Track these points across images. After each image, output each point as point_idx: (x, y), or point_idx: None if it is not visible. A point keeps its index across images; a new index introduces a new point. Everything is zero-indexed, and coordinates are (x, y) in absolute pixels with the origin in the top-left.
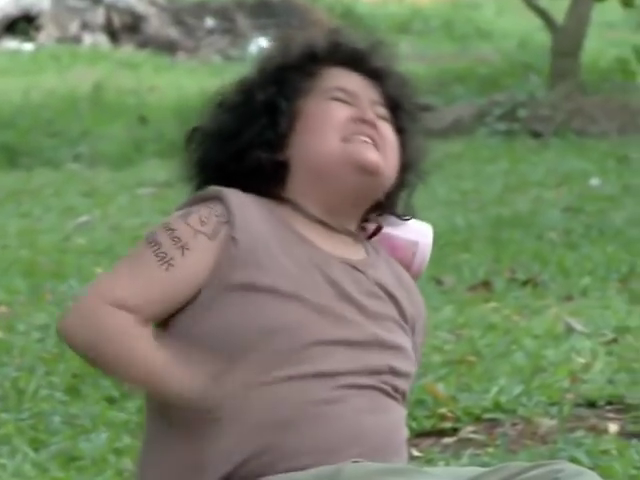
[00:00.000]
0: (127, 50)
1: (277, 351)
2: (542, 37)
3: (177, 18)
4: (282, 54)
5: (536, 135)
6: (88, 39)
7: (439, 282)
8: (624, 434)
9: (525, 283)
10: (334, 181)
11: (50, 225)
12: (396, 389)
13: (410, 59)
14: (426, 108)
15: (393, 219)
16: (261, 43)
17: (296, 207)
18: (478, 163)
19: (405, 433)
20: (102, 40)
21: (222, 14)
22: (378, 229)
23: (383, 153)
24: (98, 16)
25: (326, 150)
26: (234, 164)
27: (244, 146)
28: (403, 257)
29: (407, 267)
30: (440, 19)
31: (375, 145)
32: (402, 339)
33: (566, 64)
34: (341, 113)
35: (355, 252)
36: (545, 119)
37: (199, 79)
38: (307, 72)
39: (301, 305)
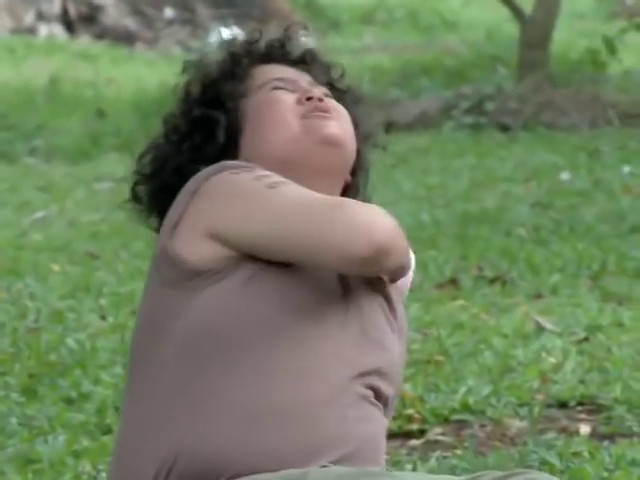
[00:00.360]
0: (84, 41)
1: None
2: (510, 28)
3: (135, 8)
4: (202, 73)
5: (504, 129)
6: (44, 30)
7: None
8: (596, 435)
9: (493, 281)
10: (302, 161)
11: (5, 221)
12: (379, 393)
13: (374, 50)
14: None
15: None
16: (222, 33)
17: None
18: (444, 158)
19: (384, 444)
20: (58, 31)
21: (182, 4)
22: None
23: (339, 121)
24: (54, 6)
25: (288, 133)
26: (177, 181)
27: (181, 165)
28: None
29: None
30: (405, 9)
31: (330, 115)
32: (391, 338)
33: (535, 55)
34: (288, 98)
35: None
36: (513, 112)
37: (158, 71)
38: (235, 76)
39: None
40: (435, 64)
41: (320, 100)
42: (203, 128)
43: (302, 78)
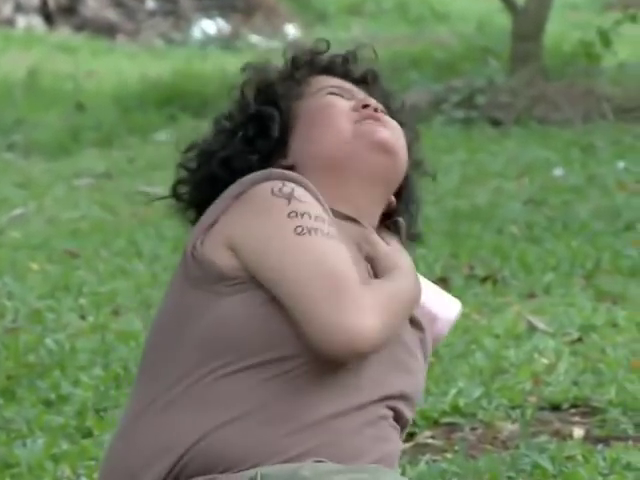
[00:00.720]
0: (63, 33)
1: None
2: (502, 19)
3: None
4: (259, 77)
5: (496, 123)
6: (22, 22)
7: None
8: (590, 439)
9: (484, 280)
10: (350, 164)
11: None
12: (400, 415)
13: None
14: (415, 112)
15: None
16: (205, 26)
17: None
18: (434, 153)
19: (397, 465)
20: (37, 23)
21: None
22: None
23: (391, 130)
24: None
25: (339, 135)
26: (225, 173)
27: (230, 157)
28: None
29: None
30: (394, 0)
31: (384, 125)
32: (419, 363)
33: (527, 48)
34: (343, 103)
35: None
36: (505, 106)
37: (140, 64)
38: (294, 79)
39: None
40: (425, 56)
41: (375, 110)
42: (257, 123)
43: (358, 91)
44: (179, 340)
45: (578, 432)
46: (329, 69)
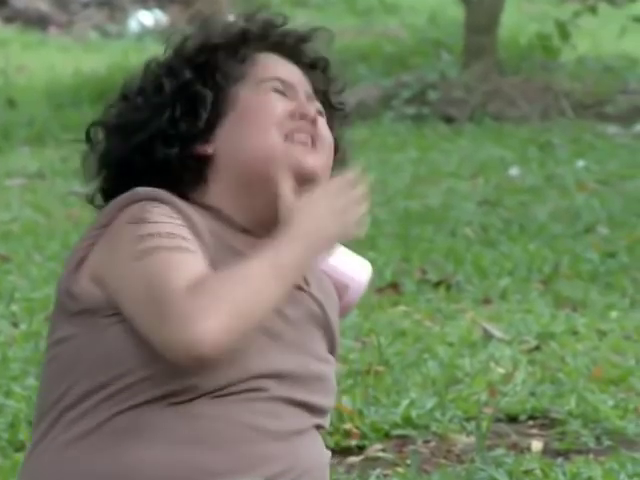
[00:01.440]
0: None
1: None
2: (455, 11)
3: None
4: (205, 34)
5: (448, 120)
6: None
7: None
8: (549, 452)
9: (437, 285)
10: (267, 186)
11: None
12: (319, 426)
13: None
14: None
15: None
16: (142, 18)
17: (220, 215)
18: (384, 151)
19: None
20: None
21: None
22: None
23: (322, 153)
24: None
25: (267, 145)
26: (141, 160)
27: (152, 138)
28: None
29: None
30: None
31: (314, 145)
32: (329, 368)
33: (481, 41)
34: (281, 107)
35: None
36: (458, 102)
37: (73, 57)
38: (238, 56)
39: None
40: (374, 50)
41: (313, 121)
42: (186, 100)
43: (302, 86)
44: (68, 375)
45: (536, 445)
46: (280, 47)
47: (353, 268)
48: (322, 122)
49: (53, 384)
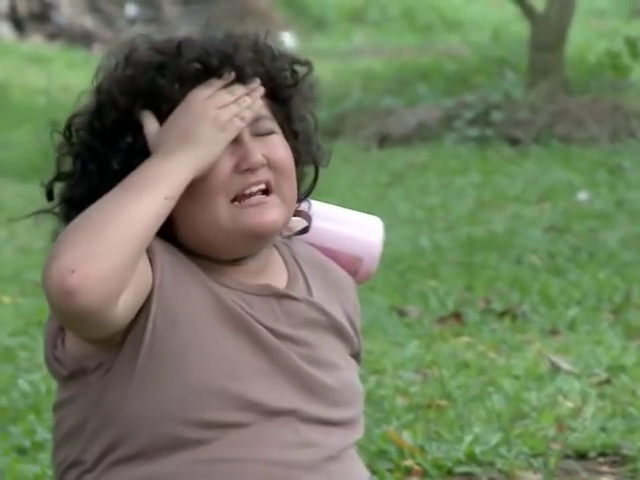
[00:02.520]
0: (35, 42)
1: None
2: (519, 27)
3: (93, 5)
4: (126, 83)
5: (513, 142)
6: None
7: (402, 313)
8: None
9: (502, 315)
10: (225, 247)
11: None
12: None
13: (365, 53)
14: (308, 64)
15: (331, 219)
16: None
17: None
18: (445, 175)
19: None
20: (5, 31)
21: (146, 0)
22: (304, 229)
23: (279, 193)
24: (1, 3)
25: (215, 219)
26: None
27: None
28: (345, 270)
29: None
30: (400, 6)
31: (269, 189)
32: (347, 374)
33: (548, 59)
34: (224, 167)
35: (277, 271)
36: (524, 123)
37: None
38: (159, 111)
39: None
40: (434, 69)
41: (262, 165)
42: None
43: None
44: (76, 439)
45: None
46: (202, 77)
47: (363, 237)
48: (272, 145)
49: (63, 448)
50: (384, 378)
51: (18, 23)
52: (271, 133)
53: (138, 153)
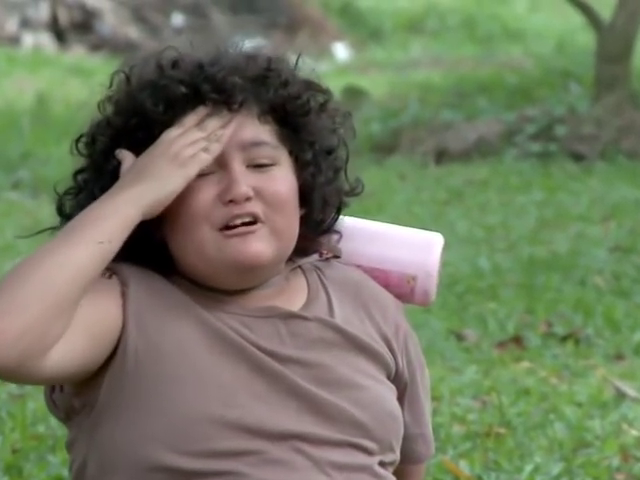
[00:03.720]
0: (77, 53)
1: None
2: (584, 38)
3: (138, 14)
4: (116, 114)
5: (578, 158)
6: (29, 40)
7: (460, 337)
8: None
9: (565, 339)
10: (217, 279)
11: None
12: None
13: (423, 64)
14: (326, 92)
15: (381, 237)
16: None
17: (193, 282)
18: (506, 192)
19: None
20: (46, 41)
21: (193, 9)
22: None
23: (270, 226)
24: (41, 12)
25: (200, 247)
26: None
27: None
28: (400, 292)
29: (408, 301)
30: (459, 16)
31: (257, 220)
32: (373, 393)
33: (614, 71)
34: (204, 197)
35: (294, 295)
36: (589, 138)
37: None
38: (152, 134)
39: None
40: (495, 81)
41: (247, 199)
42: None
43: (232, 141)
44: None
45: None
46: (191, 101)
47: (414, 253)
48: (269, 179)
49: None
50: (440, 405)
51: (59, 33)
52: (270, 165)
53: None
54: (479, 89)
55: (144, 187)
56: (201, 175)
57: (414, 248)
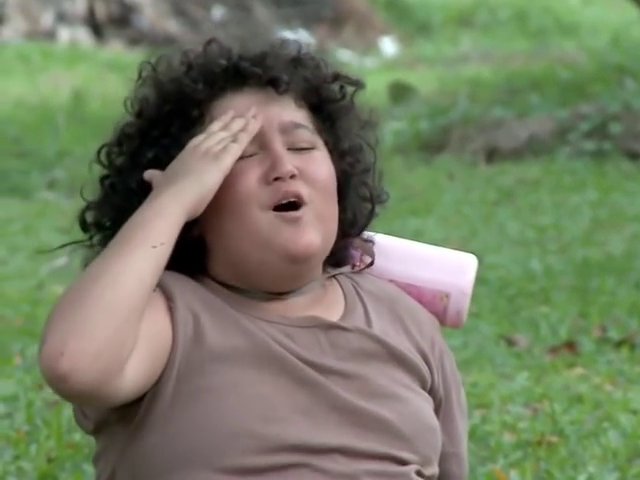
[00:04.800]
0: (114, 48)
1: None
2: None
3: (177, 8)
4: (157, 91)
5: (633, 156)
6: (65, 34)
7: (511, 342)
8: None
9: (620, 344)
10: (264, 269)
11: (18, 270)
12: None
13: (473, 60)
14: (357, 83)
15: (416, 255)
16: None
17: (231, 288)
18: (559, 192)
19: None
20: (83, 36)
21: (234, 2)
22: (369, 264)
23: (314, 208)
24: (78, 5)
25: (251, 228)
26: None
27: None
28: (432, 310)
29: (440, 320)
30: (511, 9)
31: (301, 200)
32: (410, 407)
33: None
34: (249, 178)
35: (332, 305)
36: None
37: None
38: (189, 119)
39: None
40: (547, 77)
41: (292, 176)
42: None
43: (272, 122)
44: None
45: None
46: (231, 78)
47: (449, 271)
48: (311, 160)
49: None
50: (490, 413)
51: (96, 28)
52: (310, 149)
53: (161, 168)
54: (531, 85)
55: (183, 186)
56: (241, 158)
57: (449, 267)
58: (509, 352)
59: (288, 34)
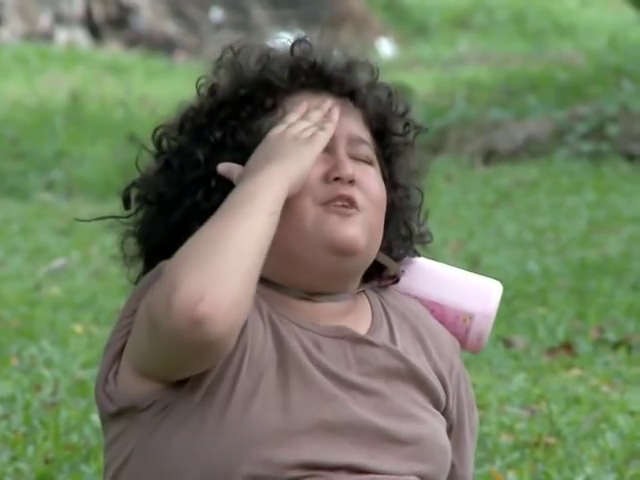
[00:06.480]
0: (112, 50)
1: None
2: (638, 33)
3: (175, 9)
4: (233, 78)
5: (631, 158)
6: (63, 35)
7: (508, 344)
8: None
9: (617, 345)
10: (307, 262)
11: (16, 271)
12: None
13: (470, 61)
14: (420, 128)
15: (442, 275)
16: (282, 41)
17: (268, 284)
18: (557, 193)
19: None
20: (80, 37)
21: (232, 4)
22: (394, 280)
23: (364, 216)
24: (75, 6)
25: (301, 220)
26: (176, 239)
27: (187, 215)
28: (454, 332)
29: (460, 343)
30: (508, 11)
31: (354, 205)
32: (427, 427)
33: None
34: (312, 172)
35: (360, 317)
36: None
37: None
38: (262, 107)
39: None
40: (545, 78)
41: (351, 182)
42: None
43: (342, 127)
44: None
45: None
46: (314, 84)
47: (474, 293)
48: (367, 174)
49: None
50: (488, 414)
51: (94, 29)
52: (368, 163)
53: (223, 150)
54: (528, 86)
55: (286, 163)
56: None
57: (474, 290)
58: (506, 353)
59: (285, 35)
